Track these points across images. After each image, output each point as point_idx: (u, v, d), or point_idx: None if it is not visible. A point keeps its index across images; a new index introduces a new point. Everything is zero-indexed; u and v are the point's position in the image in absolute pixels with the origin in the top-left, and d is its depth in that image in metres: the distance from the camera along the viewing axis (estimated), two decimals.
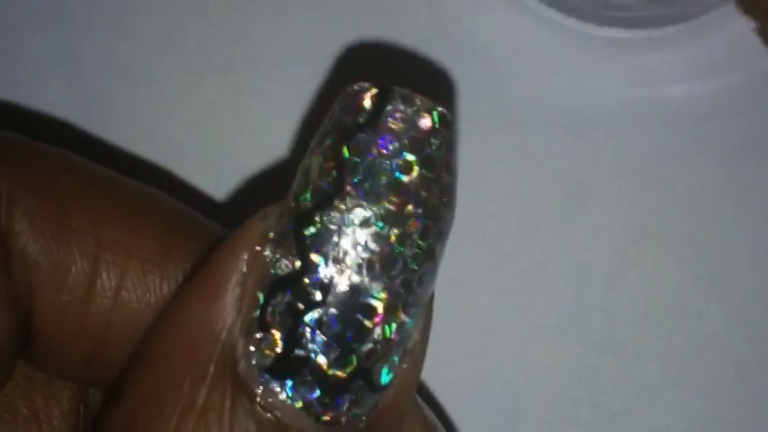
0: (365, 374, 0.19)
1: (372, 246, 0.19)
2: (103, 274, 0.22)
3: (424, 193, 0.20)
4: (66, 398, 0.23)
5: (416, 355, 0.20)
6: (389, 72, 0.31)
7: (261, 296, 0.19)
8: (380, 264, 0.19)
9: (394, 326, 0.19)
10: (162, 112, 0.31)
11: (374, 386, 0.20)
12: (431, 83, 0.31)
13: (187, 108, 0.31)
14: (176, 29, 0.31)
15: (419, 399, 0.23)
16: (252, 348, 0.19)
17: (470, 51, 0.31)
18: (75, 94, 0.31)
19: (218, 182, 0.31)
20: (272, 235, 0.20)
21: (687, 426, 0.30)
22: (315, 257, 0.19)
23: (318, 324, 0.19)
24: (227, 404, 0.19)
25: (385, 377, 0.20)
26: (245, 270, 0.20)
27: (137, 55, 0.31)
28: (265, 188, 0.31)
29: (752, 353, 0.30)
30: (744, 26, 0.31)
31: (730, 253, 0.31)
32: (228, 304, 0.19)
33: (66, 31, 0.31)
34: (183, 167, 0.31)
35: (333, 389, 0.19)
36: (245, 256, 0.20)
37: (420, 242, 0.20)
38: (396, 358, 0.20)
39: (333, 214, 0.19)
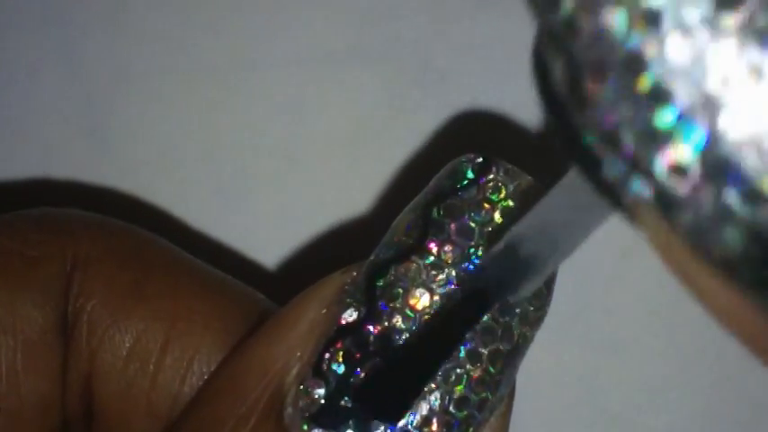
0: None
1: (440, 305, 0.19)
2: (177, 344, 0.21)
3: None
4: None
5: None
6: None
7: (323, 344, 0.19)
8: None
9: (453, 398, 0.19)
10: (161, 111, 0.31)
11: None
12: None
13: (187, 108, 0.31)
14: (176, 29, 0.31)
15: None
16: (301, 394, 0.18)
17: (470, 51, 0.31)
18: (75, 94, 0.31)
19: (218, 182, 0.31)
20: (347, 288, 0.19)
21: (688, 426, 0.30)
22: (380, 307, 0.19)
23: (372, 375, 0.18)
24: None
25: None
26: (315, 320, 0.19)
27: (136, 55, 0.31)
28: (266, 190, 0.31)
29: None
30: None
31: None
32: (290, 349, 0.19)
33: (66, 31, 0.31)
34: (182, 167, 0.31)
35: None
36: (318, 307, 0.19)
37: (496, 316, 0.19)
38: None
39: (408, 267, 0.19)
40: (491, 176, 0.20)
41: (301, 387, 0.18)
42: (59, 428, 0.21)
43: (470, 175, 0.20)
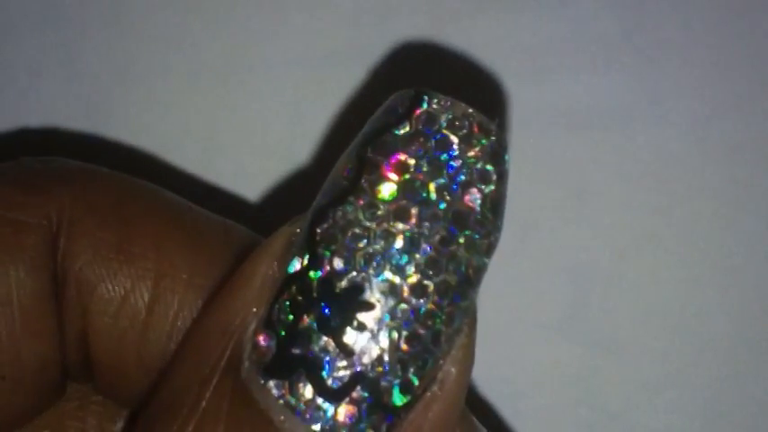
0: (369, 385, 0.18)
1: (379, 243, 0.18)
2: (162, 302, 0.21)
3: (448, 198, 0.19)
4: (122, 418, 0.23)
5: (450, 389, 0.19)
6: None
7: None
8: (387, 261, 0.18)
9: (403, 335, 0.18)
10: (161, 111, 0.31)
11: (382, 404, 0.18)
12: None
13: (186, 108, 0.31)
14: (176, 29, 0.31)
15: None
16: (254, 348, 0.18)
17: (470, 51, 0.31)
18: (75, 94, 0.31)
19: (218, 182, 0.31)
20: (294, 239, 0.19)
21: (687, 426, 0.30)
22: (321, 252, 0.18)
23: (318, 321, 0.18)
24: (225, 407, 0.18)
25: (398, 397, 0.18)
26: (267, 275, 0.19)
27: (136, 55, 0.31)
28: (266, 189, 0.31)
29: (752, 353, 0.30)
30: (741, 28, 0.31)
31: (730, 253, 0.31)
32: (246, 306, 0.19)
33: (66, 31, 0.31)
34: (182, 167, 0.31)
35: (329, 394, 0.18)
36: (269, 262, 0.19)
37: (438, 247, 0.19)
38: (414, 379, 0.18)
39: (345, 209, 0.19)
40: (423, 108, 0.19)
41: (254, 346, 0.18)
42: (58, 381, 0.21)
43: (402, 109, 0.19)
